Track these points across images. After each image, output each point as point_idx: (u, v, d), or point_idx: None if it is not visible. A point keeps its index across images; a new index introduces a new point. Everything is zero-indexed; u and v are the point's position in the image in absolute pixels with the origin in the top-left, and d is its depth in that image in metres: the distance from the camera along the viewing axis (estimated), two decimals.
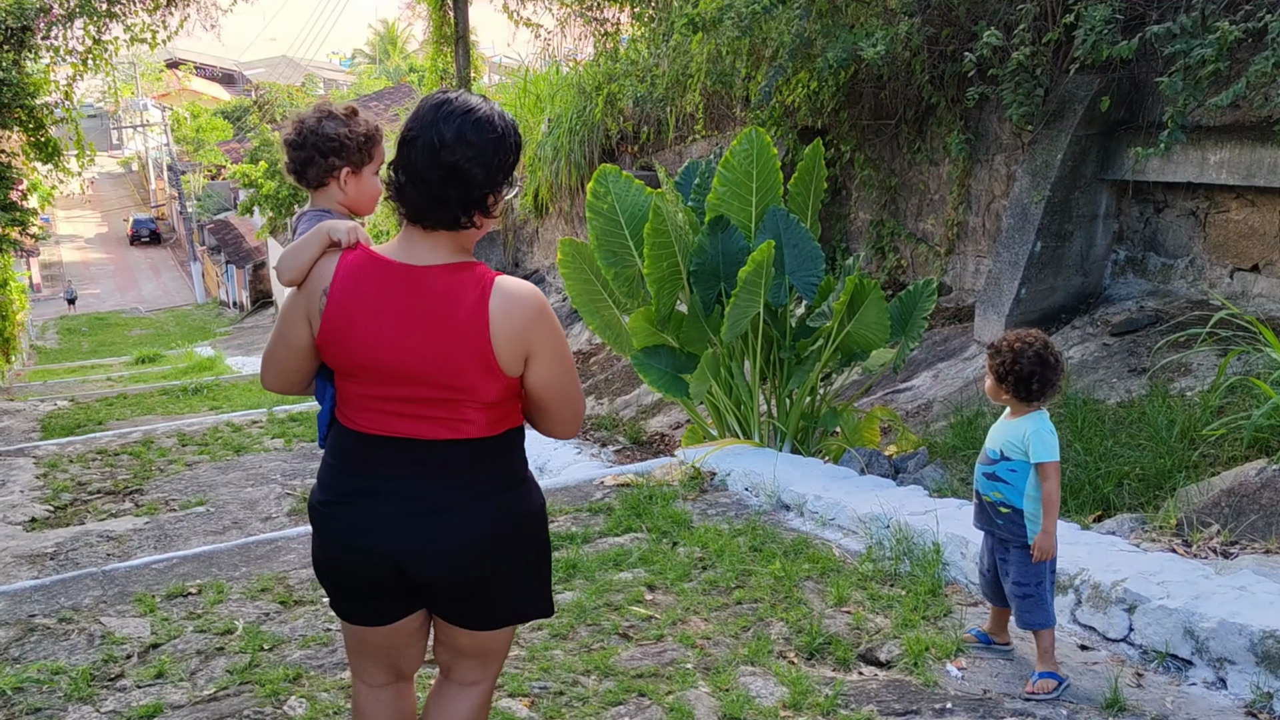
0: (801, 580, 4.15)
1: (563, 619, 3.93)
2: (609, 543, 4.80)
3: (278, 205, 26.36)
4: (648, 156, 12.19)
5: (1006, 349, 3.19)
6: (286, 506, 6.65)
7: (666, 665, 3.53)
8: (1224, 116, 6.23)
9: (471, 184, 2.05)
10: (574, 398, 2.26)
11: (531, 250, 15.15)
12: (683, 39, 9.75)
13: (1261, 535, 3.84)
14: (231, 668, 3.66)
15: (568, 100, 13.33)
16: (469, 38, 16.05)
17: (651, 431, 8.48)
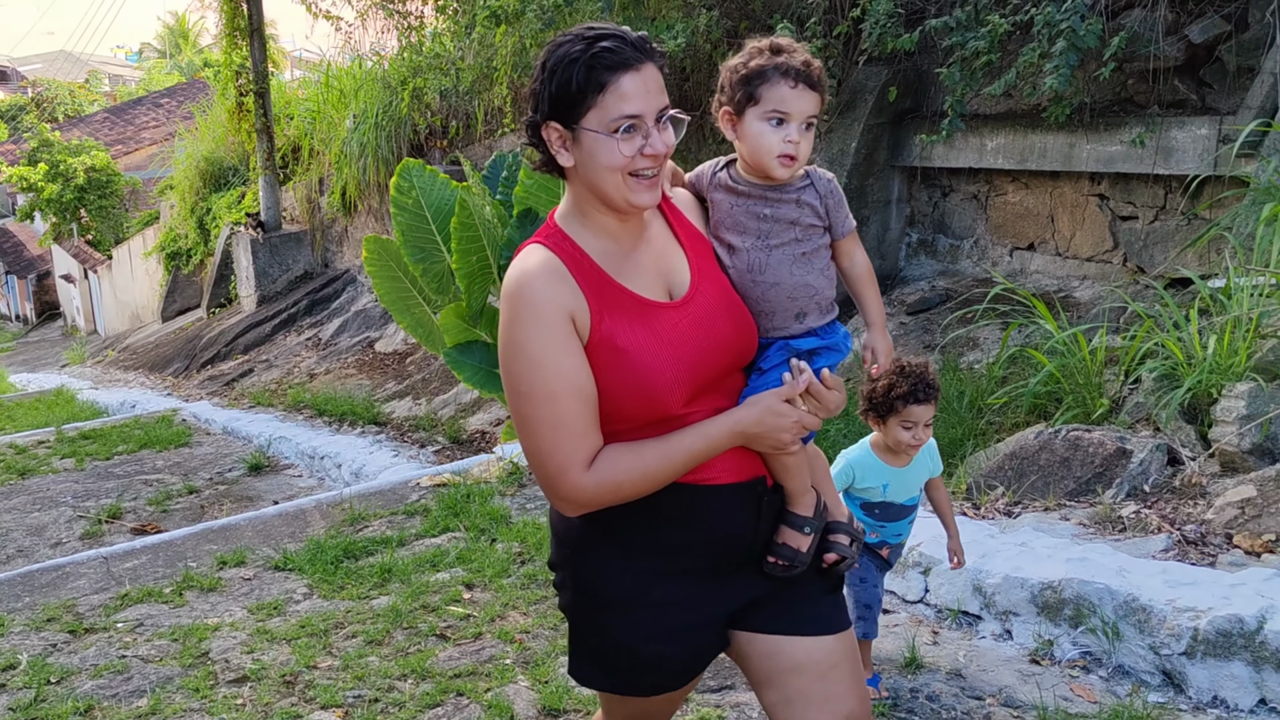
0: None
1: (378, 624, 3.82)
2: (426, 544, 4.71)
3: (61, 210, 24.59)
4: (457, 151, 12.01)
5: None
6: (79, 530, 6.23)
7: (485, 663, 3.49)
8: (998, 105, 6.64)
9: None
10: (522, 433, 1.73)
11: (341, 249, 14.70)
12: (486, 31, 9.64)
13: (1040, 494, 4.11)
14: (14, 705, 3.39)
15: (373, 95, 12.98)
16: (265, 31, 15.41)
17: (472, 429, 8.37)
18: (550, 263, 1.71)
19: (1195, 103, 5.99)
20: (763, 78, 1.76)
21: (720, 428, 1.74)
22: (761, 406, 1.74)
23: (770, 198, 1.82)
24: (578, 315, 1.69)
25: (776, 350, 1.83)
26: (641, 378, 1.70)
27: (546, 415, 1.67)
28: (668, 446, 1.72)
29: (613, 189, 1.69)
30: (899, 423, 2.75)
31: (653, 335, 1.72)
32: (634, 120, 1.65)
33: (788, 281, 1.82)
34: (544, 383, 1.67)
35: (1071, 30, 5.65)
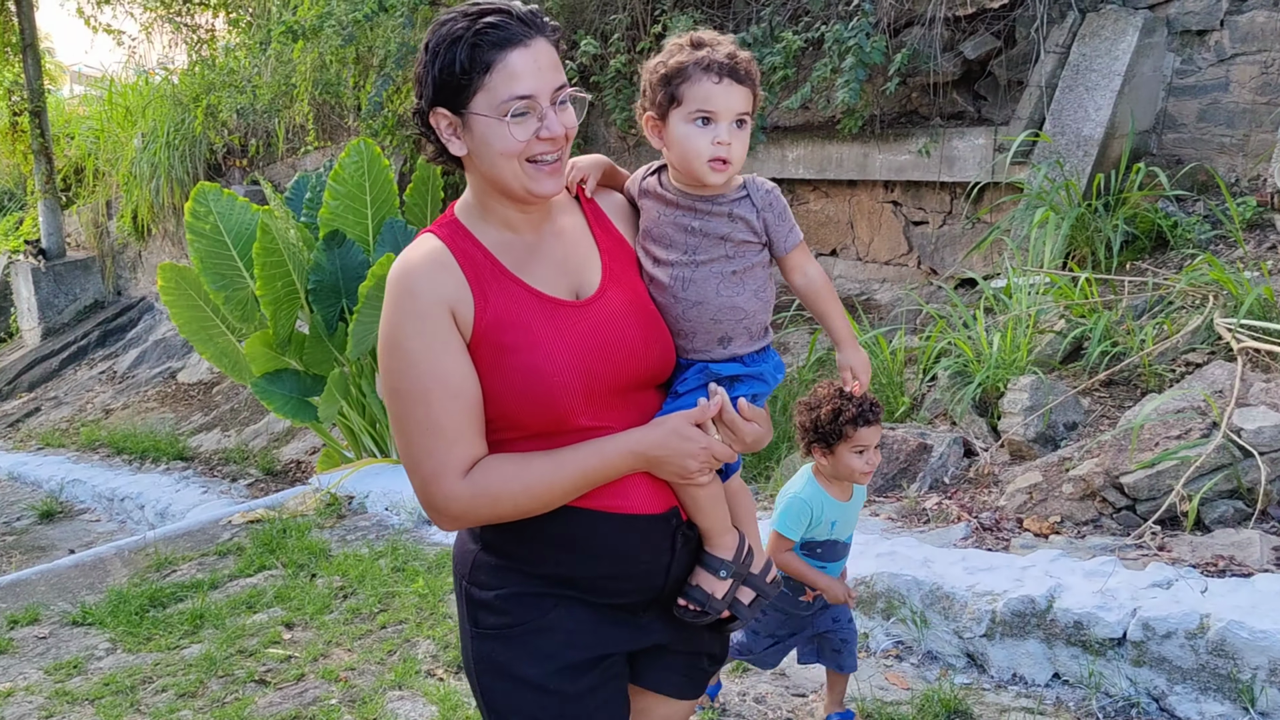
0: (447, 594, 4.11)
1: (190, 675, 3.63)
2: (241, 585, 4.51)
3: None
4: (258, 171, 11.56)
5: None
6: None
7: (309, 705, 3.37)
8: (796, 117, 6.91)
9: None
10: (397, 435, 1.60)
11: (135, 276, 13.88)
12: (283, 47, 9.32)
13: None
14: None
15: (163, 113, 12.33)
16: (39, 45, 14.39)
17: (286, 460, 8.07)
18: (437, 253, 1.56)
19: (973, 114, 6.42)
20: (684, 75, 1.60)
21: (618, 446, 1.58)
22: (667, 428, 1.60)
23: (700, 209, 1.66)
24: (459, 309, 1.54)
25: (695, 373, 1.68)
26: (530, 379, 1.54)
27: (420, 417, 1.53)
28: (557, 461, 1.56)
29: (510, 177, 1.54)
30: (850, 449, 2.52)
31: (547, 333, 1.56)
32: (527, 101, 1.50)
33: (713, 302, 1.65)
34: (418, 381, 1.52)
35: (859, 47, 5.95)
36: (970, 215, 6.25)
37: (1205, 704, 2.75)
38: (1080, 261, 5.27)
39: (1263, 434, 3.45)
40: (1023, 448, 4.14)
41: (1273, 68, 5.32)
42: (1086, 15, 5.80)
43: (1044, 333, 4.66)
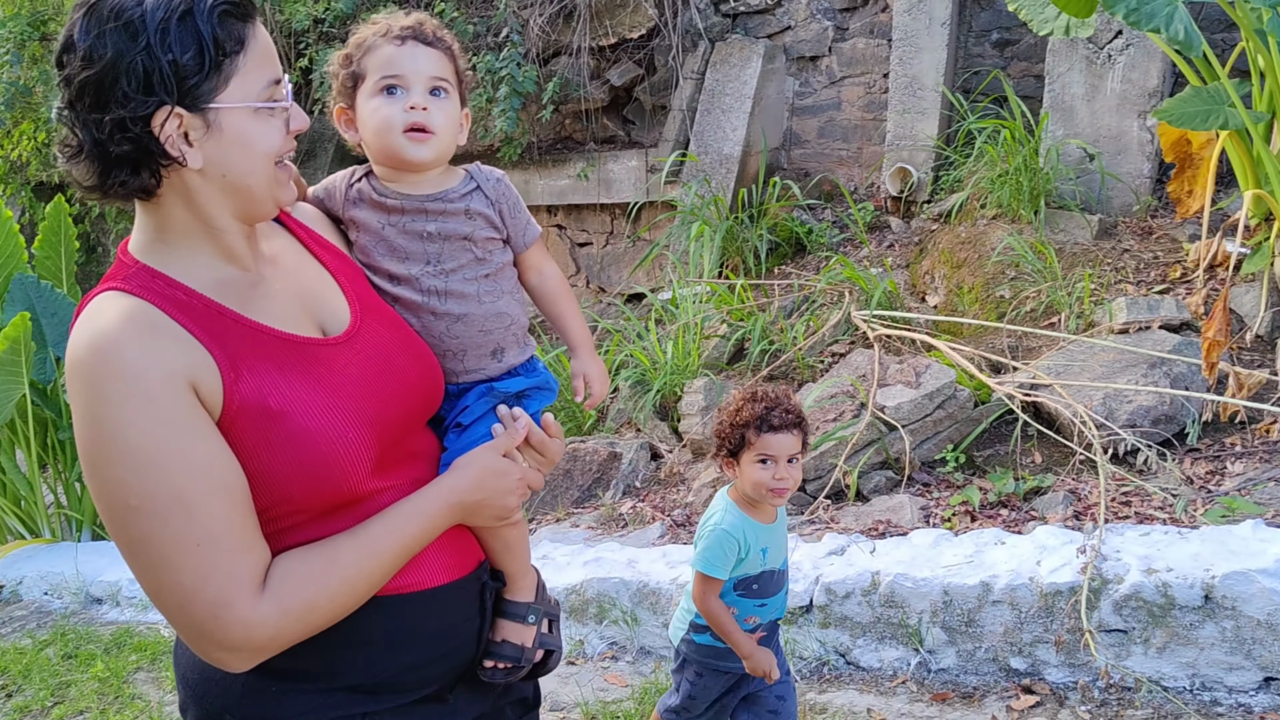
0: (132, 674, 3.77)
1: None
2: None
3: None
4: None
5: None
6: None
7: None
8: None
9: None
10: (140, 565, 1.17)
11: None
12: None
13: (550, 507, 4.41)
14: None
15: None
16: None
17: None
18: (140, 313, 1.16)
19: (624, 138, 6.79)
20: (364, 48, 1.42)
21: (435, 503, 1.32)
22: (478, 467, 1.37)
23: (431, 210, 1.43)
24: (201, 379, 1.16)
25: (478, 398, 1.46)
26: (313, 446, 1.21)
27: (180, 531, 1.13)
28: (370, 540, 1.25)
29: (265, 184, 1.23)
30: (754, 458, 2.17)
31: (318, 385, 1.25)
32: (280, 86, 1.22)
33: (477, 312, 1.45)
34: (167, 486, 1.13)
35: (511, 77, 6.12)
36: (631, 234, 6.60)
37: (883, 651, 3.08)
38: (734, 269, 5.72)
39: (901, 409, 3.91)
40: (703, 445, 4.42)
41: (875, 88, 6.05)
42: (716, 44, 6.31)
43: (710, 338, 5.01)
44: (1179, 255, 4.58)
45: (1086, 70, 4.93)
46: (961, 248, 5.00)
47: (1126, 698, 2.73)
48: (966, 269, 4.90)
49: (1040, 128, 5.05)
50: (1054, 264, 4.54)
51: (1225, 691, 2.64)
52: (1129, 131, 4.88)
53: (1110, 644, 2.76)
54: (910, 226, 5.66)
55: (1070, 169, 5.00)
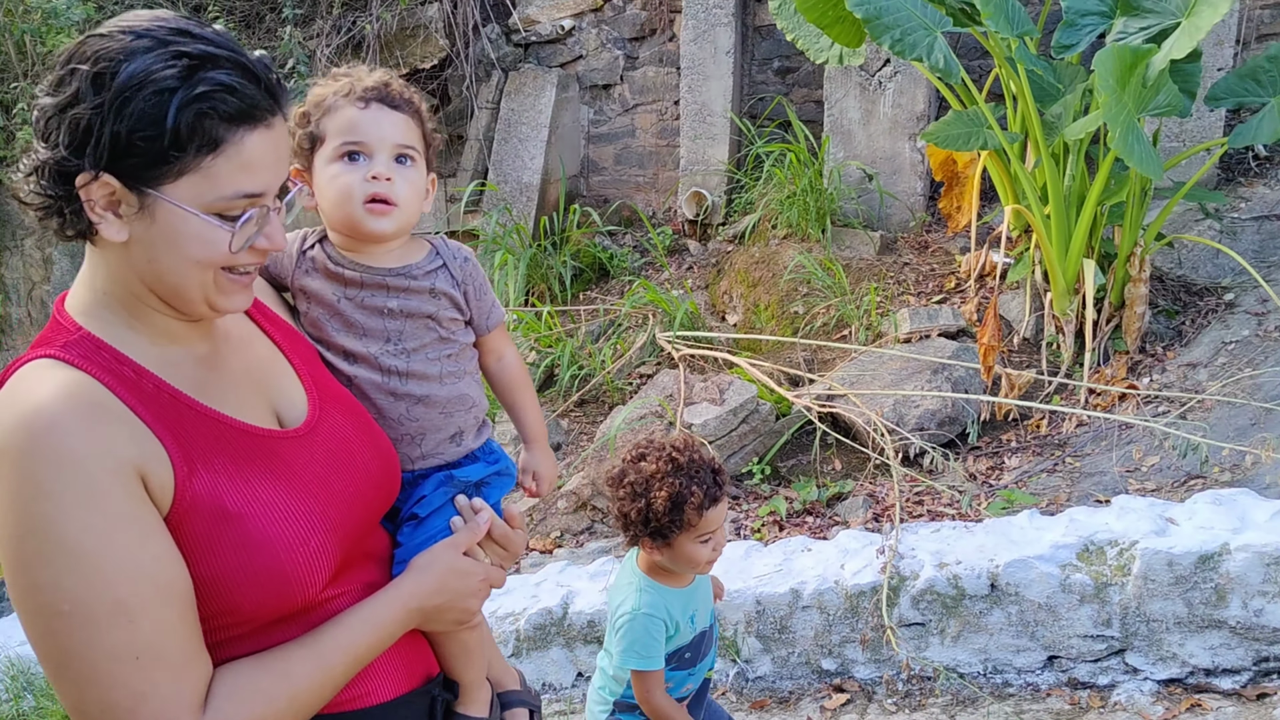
0: None
1: None
2: None
3: None
4: None
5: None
6: None
7: None
8: None
9: None
10: (66, 679, 1.00)
11: None
12: None
13: None
14: None
15: None
16: None
17: None
18: (84, 390, 1.02)
19: None
20: (323, 108, 1.31)
21: (393, 609, 1.19)
22: (440, 568, 1.24)
23: (394, 286, 1.33)
24: (151, 470, 1.03)
25: (436, 487, 1.36)
26: (272, 554, 1.08)
27: (116, 644, 0.98)
28: (322, 653, 1.12)
29: (194, 288, 1.08)
30: (694, 538, 1.90)
31: (278, 484, 1.13)
32: (253, 200, 1.07)
33: (439, 394, 1.36)
34: (106, 591, 0.98)
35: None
36: None
37: None
38: (540, 296, 5.74)
39: (708, 426, 4.02)
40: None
41: (667, 115, 6.21)
42: (509, 74, 6.34)
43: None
44: (953, 267, 4.91)
45: (861, 96, 5.23)
46: (756, 267, 5.20)
47: (927, 687, 2.90)
48: (762, 287, 5.10)
49: (823, 151, 5.31)
50: (842, 279, 4.78)
51: (1015, 673, 2.83)
52: (902, 153, 5.21)
53: (910, 637, 2.92)
54: (707, 249, 5.84)
55: (852, 189, 5.28)
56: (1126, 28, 3.63)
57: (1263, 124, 3.69)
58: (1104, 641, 2.74)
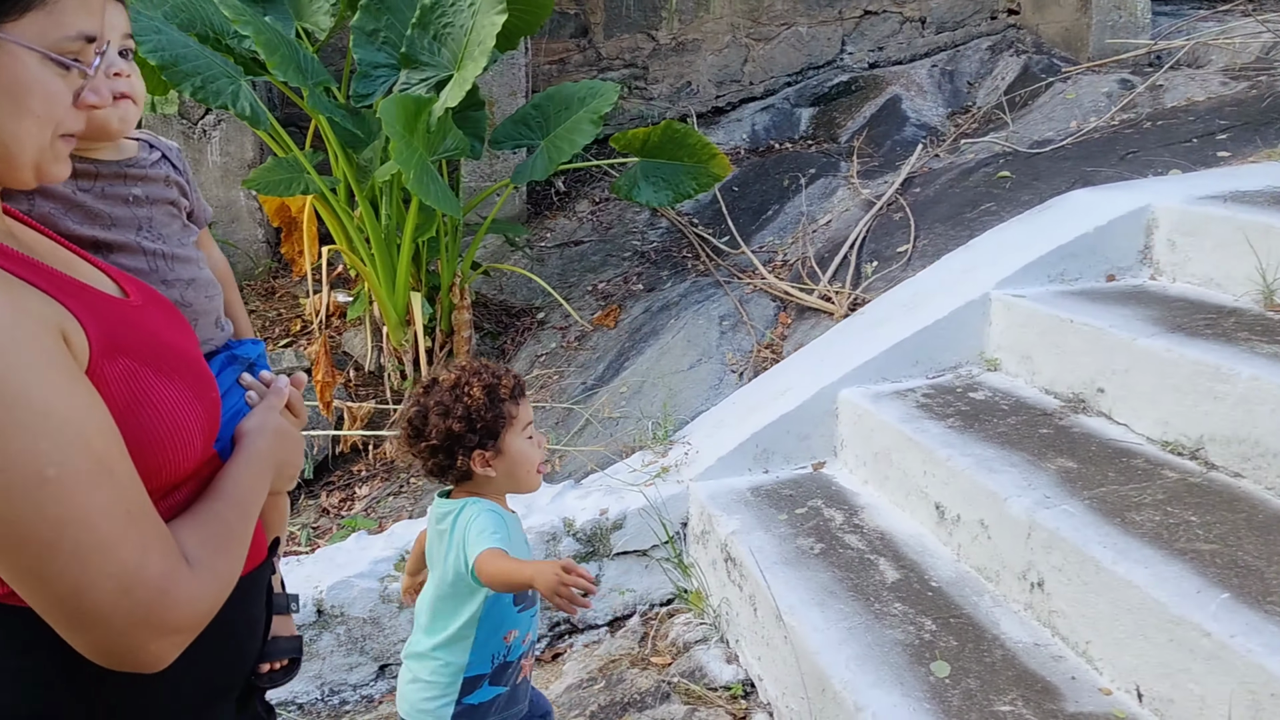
0: None
1: None
2: None
3: None
4: None
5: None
6: None
7: None
8: None
9: None
10: (62, 554, 0.90)
11: None
12: None
13: None
14: None
15: None
16: None
17: None
18: None
19: None
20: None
21: (262, 465, 1.19)
22: (272, 426, 1.25)
23: (132, 174, 1.32)
24: (68, 330, 0.97)
25: (222, 368, 1.38)
26: (173, 410, 1.06)
27: (107, 501, 0.93)
28: (237, 503, 1.13)
29: (30, 147, 0.99)
30: (520, 432, 1.89)
31: (150, 342, 1.09)
32: (92, 44, 1.01)
33: (201, 277, 1.39)
34: (84, 449, 0.92)
35: None
36: None
37: None
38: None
39: None
40: None
41: None
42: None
43: None
44: (299, 310, 4.98)
45: (186, 144, 5.10)
46: None
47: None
48: None
49: None
50: None
51: (351, 690, 2.93)
52: (238, 200, 5.17)
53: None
54: None
55: None
56: (410, 79, 3.96)
57: (536, 163, 4.25)
58: None
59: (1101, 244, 3.26)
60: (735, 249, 4.86)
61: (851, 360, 3.26)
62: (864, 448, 3.03)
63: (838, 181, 5.21)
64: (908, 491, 2.79)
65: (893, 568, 2.55)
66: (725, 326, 4.32)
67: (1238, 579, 1.92)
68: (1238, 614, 1.81)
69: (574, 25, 5.85)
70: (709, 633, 2.90)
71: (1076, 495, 2.31)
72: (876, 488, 2.97)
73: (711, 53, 6.06)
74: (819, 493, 3.01)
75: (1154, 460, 2.46)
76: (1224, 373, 2.36)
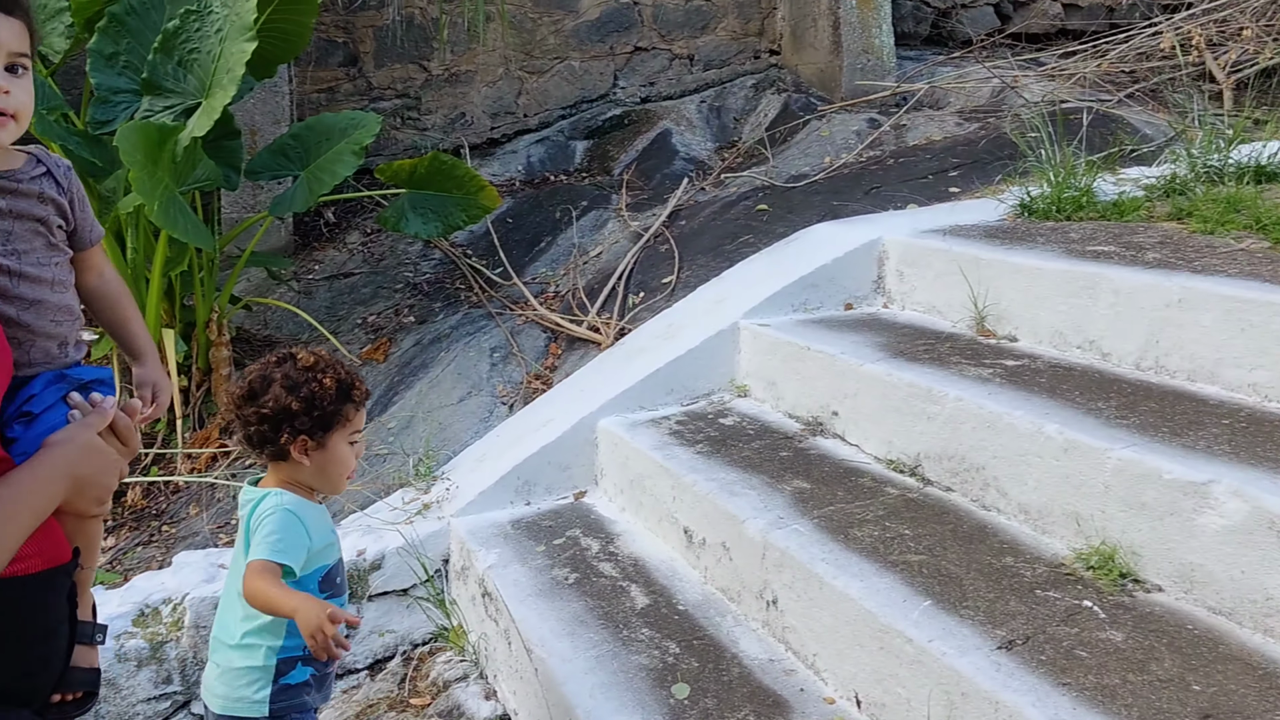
0: None
1: None
2: None
3: None
4: None
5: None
6: None
7: None
8: None
9: None
10: None
11: None
12: None
13: None
14: None
15: None
16: None
17: None
18: None
19: None
20: None
21: (48, 469, 1.21)
22: (81, 441, 1.28)
23: (4, 188, 1.35)
24: None
25: (47, 385, 1.38)
26: None
27: None
28: (6, 496, 1.15)
29: None
30: (347, 436, 1.91)
31: None
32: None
33: (51, 300, 1.39)
34: None
35: None
36: None
37: None
38: None
39: None
40: None
41: None
42: None
43: None
44: None
45: None
46: None
47: None
48: None
49: None
50: None
51: None
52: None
53: None
54: None
55: None
56: (153, 105, 3.78)
57: (296, 194, 4.14)
58: (168, 699, 2.79)
59: (840, 275, 3.46)
60: (508, 280, 4.87)
61: (611, 390, 3.32)
62: (621, 475, 3.09)
63: (609, 214, 5.32)
64: (660, 517, 2.87)
65: (643, 593, 2.61)
66: (496, 358, 4.32)
67: (940, 587, 2.07)
68: (936, 620, 1.95)
69: (343, 54, 5.74)
70: (469, 670, 2.87)
71: (807, 515, 2.43)
72: (633, 515, 3.04)
73: (485, 84, 6.08)
74: (578, 522, 3.04)
75: (879, 478, 2.63)
76: (935, 394, 2.55)
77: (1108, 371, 2.62)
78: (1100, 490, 2.12)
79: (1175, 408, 2.32)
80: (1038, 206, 3.49)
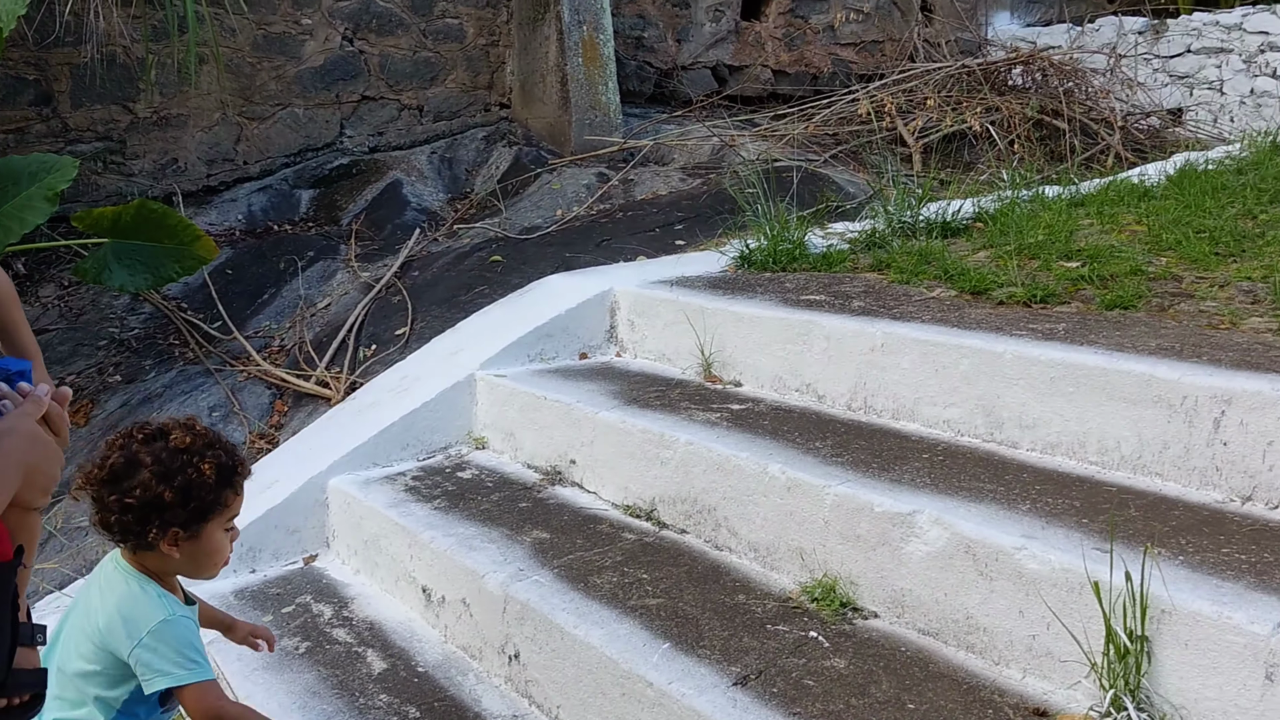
0: None
1: None
2: None
3: None
4: None
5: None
6: None
7: None
8: None
9: None
10: None
11: None
12: None
13: None
14: None
15: None
16: None
17: None
18: None
19: None
20: None
21: (4, 459, 1.13)
22: (24, 429, 1.18)
23: None
24: None
25: None
26: None
27: None
28: None
29: None
30: (224, 523, 1.70)
31: None
32: None
33: None
34: None
35: None
36: None
37: None
38: None
39: None
40: None
41: None
42: None
43: None
44: None
45: None
46: None
47: None
48: None
49: None
50: None
51: None
52: None
53: None
54: None
55: None
56: None
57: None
58: None
59: (574, 324, 3.51)
60: (229, 335, 4.60)
61: (343, 447, 3.20)
62: (354, 536, 2.97)
63: (338, 264, 5.16)
64: (397, 577, 2.77)
65: (381, 658, 2.51)
66: (216, 418, 4.06)
67: (678, 629, 2.12)
68: (676, 661, 1.99)
69: (34, 92, 5.27)
70: None
71: (548, 565, 2.43)
72: (368, 576, 2.92)
73: (200, 129, 5.76)
74: (309, 588, 2.89)
75: (617, 524, 2.67)
76: (667, 439, 2.62)
77: (823, 412, 2.79)
78: (820, 525, 2.25)
79: (883, 444, 2.51)
80: (756, 258, 3.70)
